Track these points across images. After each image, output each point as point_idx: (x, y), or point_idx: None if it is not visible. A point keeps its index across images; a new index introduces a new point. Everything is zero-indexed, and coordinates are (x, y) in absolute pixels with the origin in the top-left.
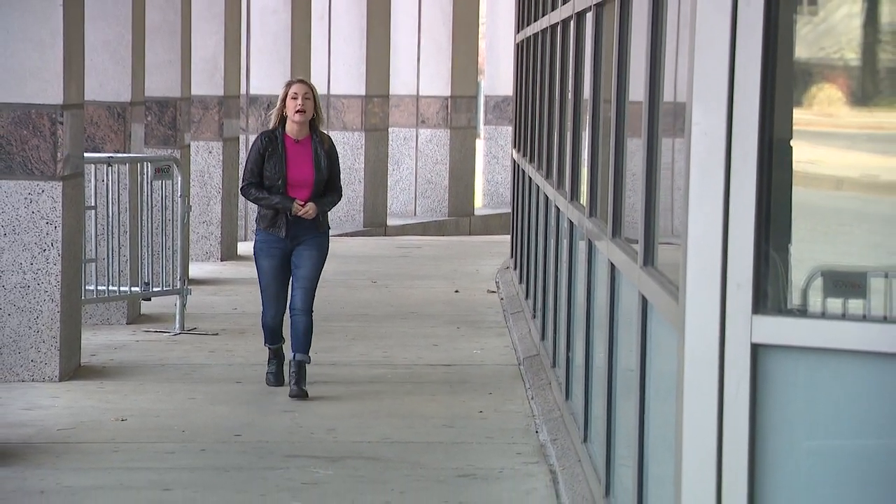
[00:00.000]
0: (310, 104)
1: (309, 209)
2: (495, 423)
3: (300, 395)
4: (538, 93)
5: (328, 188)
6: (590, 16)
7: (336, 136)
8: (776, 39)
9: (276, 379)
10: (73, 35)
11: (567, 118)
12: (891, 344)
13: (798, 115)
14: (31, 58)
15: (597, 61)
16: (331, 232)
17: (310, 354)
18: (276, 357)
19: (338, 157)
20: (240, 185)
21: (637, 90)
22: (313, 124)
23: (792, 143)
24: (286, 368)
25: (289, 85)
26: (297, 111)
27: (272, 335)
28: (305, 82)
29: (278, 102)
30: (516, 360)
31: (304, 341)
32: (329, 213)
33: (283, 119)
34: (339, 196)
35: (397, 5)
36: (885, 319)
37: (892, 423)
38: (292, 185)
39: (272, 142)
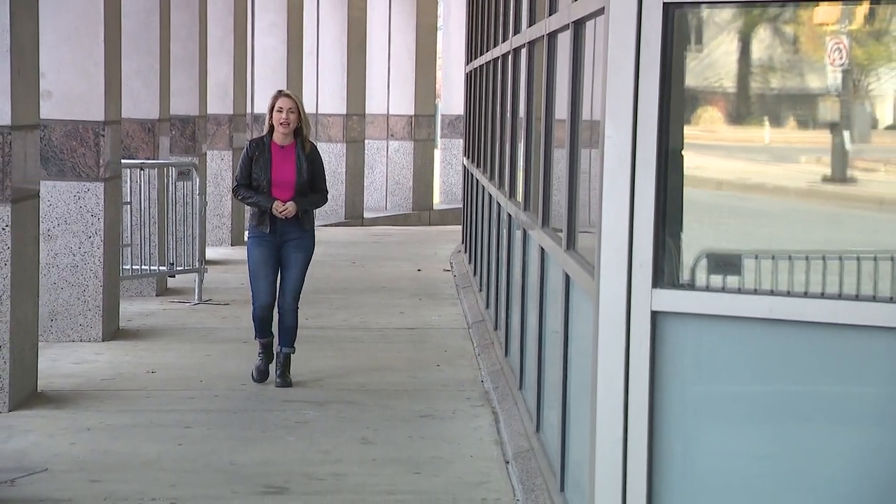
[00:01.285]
0: (293, 116)
1: (288, 208)
2: (449, 374)
3: (284, 385)
4: (484, 112)
5: (311, 189)
6: (524, 51)
7: (322, 147)
8: (670, 71)
9: (259, 376)
10: (111, 66)
11: (507, 132)
12: (759, 311)
13: (687, 130)
14: (79, 85)
15: (530, 87)
16: (318, 222)
17: (298, 329)
18: (265, 351)
19: (321, 162)
20: (232, 186)
21: (561, 110)
22: (299, 132)
23: (683, 152)
24: (272, 367)
25: (275, 98)
26: (281, 123)
27: (262, 327)
28: (290, 96)
29: (268, 111)
30: (466, 325)
31: (290, 336)
32: (314, 211)
33: (272, 127)
34: (324, 197)
35: (371, 43)
36: (755, 292)
37: (760, 372)
38: (276, 185)
39: (259, 147)
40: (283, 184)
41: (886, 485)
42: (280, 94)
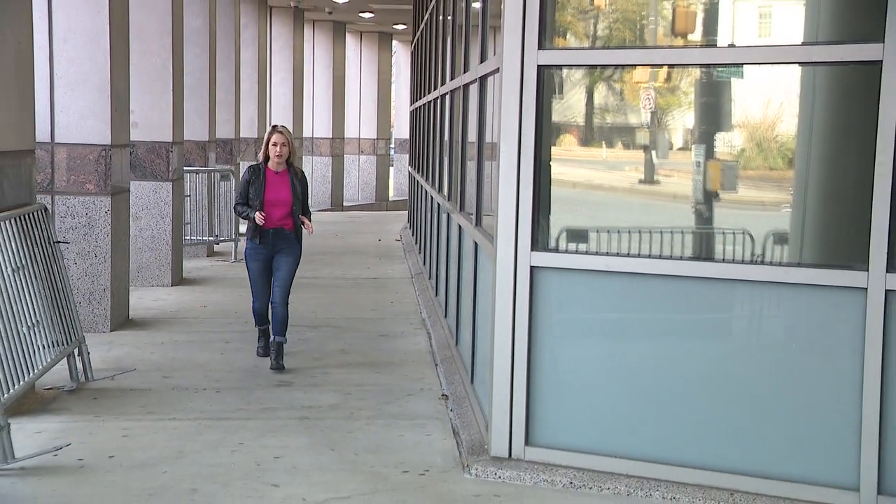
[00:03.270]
0: (285, 149)
1: (308, 227)
2: (399, 308)
3: (278, 368)
4: (422, 136)
5: (303, 208)
6: (448, 96)
7: (315, 160)
8: (542, 111)
9: (264, 352)
10: (177, 106)
11: (438, 150)
12: (599, 266)
13: (553, 150)
14: (155, 118)
15: (452, 120)
16: (313, 210)
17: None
18: (264, 336)
19: (307, 184)
20: (233, 204)
21: (472, 135)
22: (289, 160)
23: (550, 163)
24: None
25: (270, 133)
26: (277, 154)
27: (260, 319)
28: (282, 132)
29: (264, 143)
30: (410, 275)
31: (281, 327)
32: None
33: (267, 157)
34: (309, 213)
35: (348, 91)
36: (596, 254)
37: (601, 306)
38: (269, 203)
39: (256, 173)
40: (277, 203)
41: (694, 380)
42: (275, 129)
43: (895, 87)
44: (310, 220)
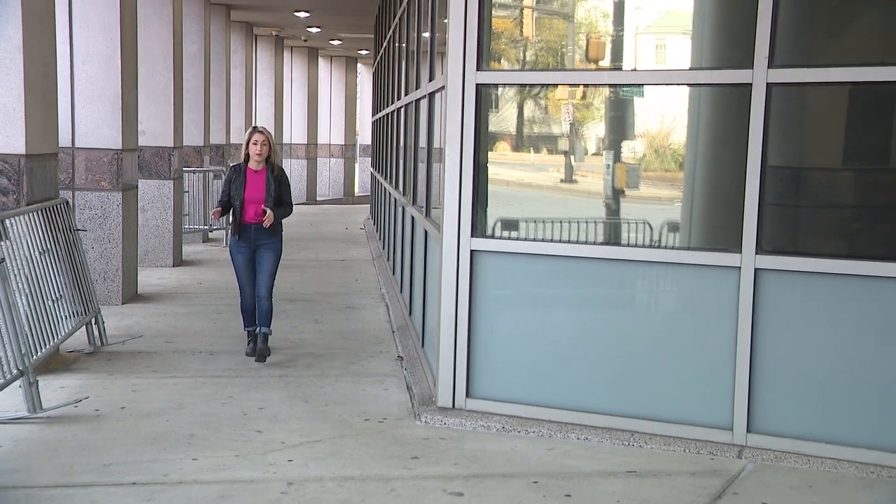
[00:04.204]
0: (265, 148)
1: (269, 215)
2: (363, 284)
3: (262, 357)
4: (382, 142)
5: (280, 203)
6: (402, 109)
7: (293, 163)
8: (480, 121)
9: (252, 352)
10: (178, 118)
11: (394, 154)
12: (527, 249)
13: (490, 154)
14: (159, 127)
15: (406, 129)
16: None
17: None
18: (253, 339)
19: (288, 182)
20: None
21: (423, 141)
22: (269, 159)
23: (488, 165)
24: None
25: (251, 133)
26: (256, 153)
27: (248, 318)
28: (262, 131)
29: (244, 143)
30: (371, 258)
31: (266, 319)
32: (283, 220)
33: (248, 156)
34: (290, 209)
35: (321, 103)
36: (525, 239)
37: (527, 282)
38: (248, 201)
39: (237, 172)
40: (255, 200)
41: (603, 342)
42: (255, 129)
43: (761, 104)
44: (281, 215)
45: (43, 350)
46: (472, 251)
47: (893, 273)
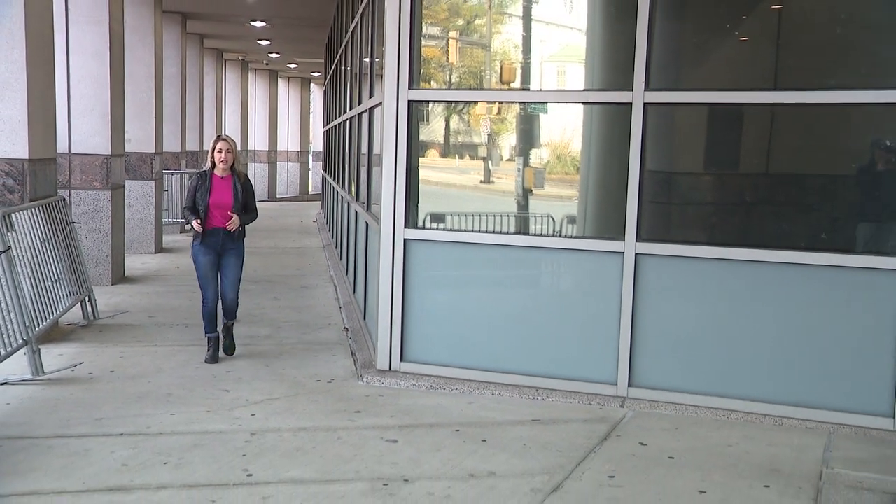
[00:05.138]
0: (230, 156)
1: (234, 220)
2: (314, 268)
3: (227, 351)
4: (332, 149)
5: (245, 209)
6: (348, 121)
7: (256, 166)
8: (411, 131)
9: (212, 359)
10: (158, 128)
11: (341, 158)
12: (452, 238)
13: (421, 159)
14: (142, 135)
15: (351, 138)
16: (256, 201)
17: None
18: (213, 345)
19: (252, 189)
20: (182, 207)
21: (364, 148)
22: (233, 165)
23: (418, 168)
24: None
25: (216, 141)
26: (221, 160)
27: (209, 322)
28: (226, 140)
29: (210, 151)
30: (322, 245)
31: (232, 313)
32: (245, 228)
33: (213, 164)
34: (255, 214)
35: (280, 117)
36: (450, 230)
37: (453, 266)
38: (213, 206)
39: (202, 178)
40: (220, 206)
41: (513, 315)
42: (219, 138)
43: (640, 120)
44: (245, 222)
45: (44, 323)
46: (405, 240)
47: (743, 257)
